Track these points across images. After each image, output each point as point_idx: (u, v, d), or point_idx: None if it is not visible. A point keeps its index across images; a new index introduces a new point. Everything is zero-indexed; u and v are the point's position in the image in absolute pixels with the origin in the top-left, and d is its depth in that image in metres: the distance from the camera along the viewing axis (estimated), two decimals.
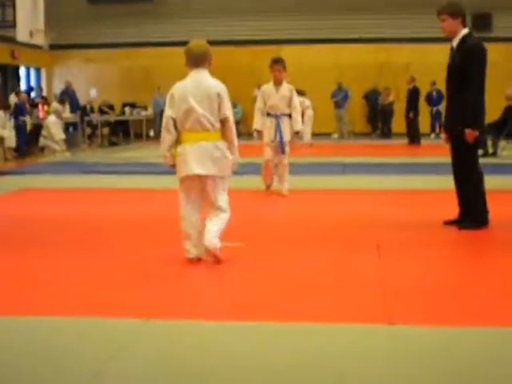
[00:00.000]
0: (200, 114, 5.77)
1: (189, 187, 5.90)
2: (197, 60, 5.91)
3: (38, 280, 5.42)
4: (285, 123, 10.05)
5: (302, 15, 26.60)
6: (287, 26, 26.64)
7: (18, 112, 19.41)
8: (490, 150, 16.45)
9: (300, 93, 21.51)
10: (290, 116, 10.13)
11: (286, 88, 10.06)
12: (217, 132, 5.86)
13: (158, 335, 4.10)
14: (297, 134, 10.48)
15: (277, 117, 9.99)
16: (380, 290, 4.99)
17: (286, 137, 10.03)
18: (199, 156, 5.79)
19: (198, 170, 5.79)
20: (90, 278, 5.44)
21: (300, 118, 10.16)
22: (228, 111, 5.86)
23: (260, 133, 10.14)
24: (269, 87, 10.10)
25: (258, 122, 10.13)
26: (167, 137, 5.91)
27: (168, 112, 5.88)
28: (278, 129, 9.96)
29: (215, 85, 5.88)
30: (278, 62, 10.05)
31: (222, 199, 5.95)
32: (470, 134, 7.03)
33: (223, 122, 5.86)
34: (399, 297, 4.84)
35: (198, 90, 5.82)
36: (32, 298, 4.91)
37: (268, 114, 10.07)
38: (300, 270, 5.65)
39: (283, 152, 10.00)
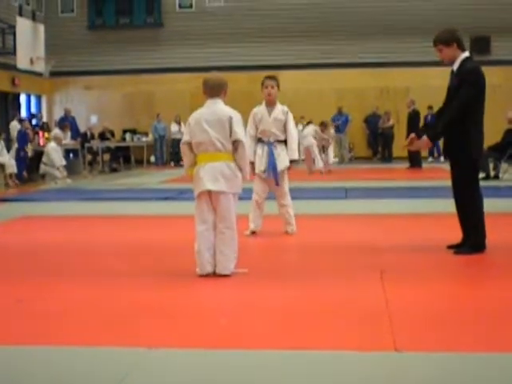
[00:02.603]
0: (212, 136, 6.28)
1: (203, 205, 6.33)
2: (212, 91, 6.43)
3: (41, 309, 5.37)
4: (278, 151, 8.67)
5: (300, 40, 26.76)
6: (286, 51, 26.78)
7: (20, 139, 19.44)
8: (492, 173, 16.43)
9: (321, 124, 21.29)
10: (285, 143, 8.78)
11: (279, 110, 8.69)
12: (228, 153, 6.34)
13: (162, 363, 4.06)
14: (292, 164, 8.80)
15: (269, 144, 8.66)
16: (385, 316, 4.93)
17: (280, 165, 8.62)
18: (211, 174, 6.27)
19: (210, 186, 6.26)
20: (93, 306, 5.40)
21: (296, 146, 8.83)
22: (240, 134, 6.33)
23: (251, 164, 8.16)
24: (260, 109, 8.72)
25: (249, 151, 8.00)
26: (185, 159, 6.55)
27: (184, 138, 6.49)
28: (270, 157, 8.59)
29: (228, 110, 6.41)
30: (271, 77, 8.74)
31: (233, 217, 6.37)
32: (425, 141, 7.15)
33: (236, 142, 6.34)
34: (405, 323, 4.78)
35: (211, 115, 6.35)
36: (36, 328, 4.85)
37: (259, 140, 8.69)
38: (304, 297, 5.60)
39: (277, 184, 8.63)
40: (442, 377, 3.76)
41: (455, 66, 7.20)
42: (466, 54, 7.20)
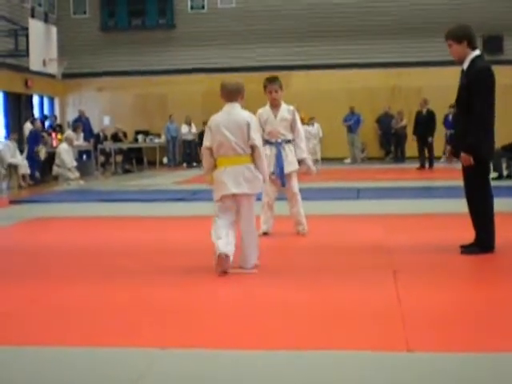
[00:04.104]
0: (232, 141, 6.47)
1: (226, 205, 6.56)
2: (230, 95, 6.60)
3: (54, 310, 5.40)
4: (287, 151, 8.57)
5: (311, 41, 26.73)
6: (297, 51, 26.76)
7: (32, 140, 19.49)
8: (505, 173, 16.37)
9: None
10: (292, 142, 8.67)
11: (285, 110, 8.61)
12: (247, 156, 6.55)
13: (176, 364, 4.07)
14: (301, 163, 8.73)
15: (278, 144, 8.54)
16: (398, 316, 4.94)
17: (289, 167, 8.56)
18: (234, 177, 6.49)
19: (233, 189, 6.48)
20: (107, 307, 5.43)
21: (304, 145, 8.78)
22: (256, 139, 6.54)
23: None
24: (265, 111, 8.61)
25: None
26: (205, 164, 6.76)
27: (205, 143, 6.66)
28: (278, 158, 8.48)
29: (245, 115, 6.58)
30: (273, 81, 8.59)
31: (253, 216, 6.70)
32: (465, 159, 7.02)
33: (252, 148, 6.54)
34: (417, 323, 4.78)
35: (229, 121, 6.53)
36: (50, 328, 4.88)
37: (267, 142, 8.41)
38: (316, 297, 5.61)
39: (283, 185, 8.57)
40: (454, 377, 3.76)
41: (465, 65, 7.10)
42: (477, 52, 7.09)
